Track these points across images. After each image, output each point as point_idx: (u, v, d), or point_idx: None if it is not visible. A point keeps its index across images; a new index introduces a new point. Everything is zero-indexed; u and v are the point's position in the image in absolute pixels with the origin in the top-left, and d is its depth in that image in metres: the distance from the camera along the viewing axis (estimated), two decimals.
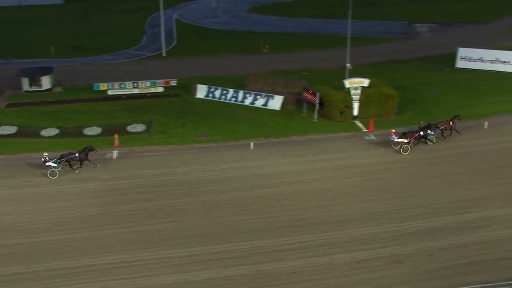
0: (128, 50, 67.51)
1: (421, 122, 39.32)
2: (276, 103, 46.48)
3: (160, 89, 49.91)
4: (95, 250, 27.87)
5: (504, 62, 54.06)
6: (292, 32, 75.49)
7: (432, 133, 38.80)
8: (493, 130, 40.63)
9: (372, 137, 40.91)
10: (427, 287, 24.80)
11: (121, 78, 51.32)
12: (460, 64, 55.82)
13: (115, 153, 38.09)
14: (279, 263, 26.78)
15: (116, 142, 39.71)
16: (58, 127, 42.70)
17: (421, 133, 38.27)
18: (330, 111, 43.47)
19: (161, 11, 66.75)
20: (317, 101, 43.13)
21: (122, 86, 49.46)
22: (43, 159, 35.21)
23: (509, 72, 53.36)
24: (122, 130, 42.02)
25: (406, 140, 37.67)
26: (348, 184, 34.00)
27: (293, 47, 67.56)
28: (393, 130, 38.51)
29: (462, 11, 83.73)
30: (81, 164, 36.17)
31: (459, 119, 39.89)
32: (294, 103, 46.49)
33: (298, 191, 33.28)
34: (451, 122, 39.60)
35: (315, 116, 43.86)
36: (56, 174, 35.22)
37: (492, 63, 54.59)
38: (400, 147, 37.78)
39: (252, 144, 39.55)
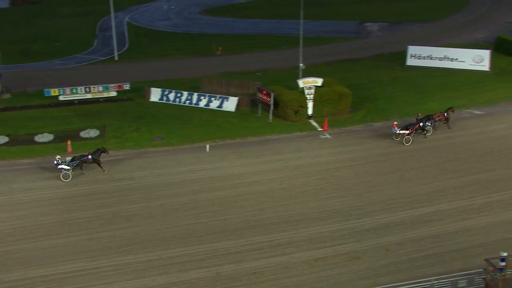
0: (79, 55, 66.35)
1: (419, 114, 40.56)
2: (231, 104, 46.48)
3: (113, 94, 49.20)
4: (51, 260, 27.25)
5: (452, 59, 55.44)
6: (245, 34, 75.63)
7: (429, 124, 40.11)
8: (444, 126, 41.55)
9: (327, 135, 41.37)
10: (385, 281, 25.18)
11: (73, 83, 50.39)
12: (410, 62, 56.96)
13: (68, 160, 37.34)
14: (238, 265, 26.78)
15: (69, 149, 38.97)
16: (7, 135, 41.51)
17: (421, 124, 39.60)
18: (285, 111, 43.74)
19: (112, 15, 65.85)
20: (272, 102, 43.33)
21: (74, 91, 48.55)
22: (55, 162, 34.86)
23: (457, 68, 54.78)
24: (75, 136, 41.28)
25: (407, 132, 38.96)
26: (305, 183, 34.27)
27: (246, 48, 67.70)
28: (395, 123, 39.58)
29: (410, 10, 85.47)
30: (99, 165, 36.10)
31: (452, 111, 41.53)
32: (249, 104, 46.58)
33: (255, 192, 33.35)
34: (445, 113, 41.15)
35: (270, 116, 44.05)
36: (69, 176, 34.84)
37: (440, 60, 55.91)
38: (402, 139, 39.01)
39: (208, 146, 39.43)
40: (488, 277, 24.24)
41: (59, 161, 34.97)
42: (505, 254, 23.39)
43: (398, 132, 39.10)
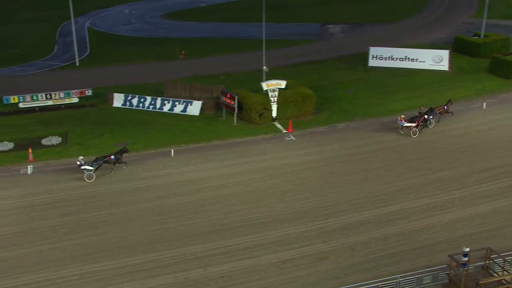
0: (39, 61, 65.13)
1: (421, 108, 41.91)
2: (195, 108, 46.27)
3: (75, 100, 48.39)
4: (13, 271, 26.65)
5: (413, 60, 56.31)
6: (208, 37, 75.44)
7: (431, 117, 41.35)
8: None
9: (292, 137, 41.54)
10: (352, 280, 25.41)
11: (33, 90, 49.39)
12: (372, 62, 57.61)
13: (30, 168, 36.66)
14: (206, 269, 26.66)
15: (31, 157, 38.24)
16: None
17: (425, 116, 40.87)
18: (249, 114, 43.78)
19: (72, 20, 64.87)
20: (236, 105, 43.32)
21: (34, 98, 47.59)
22: (78, 163, 34.94)
23: (418, 69, 55.67)
24: (36, 144, 40.52)
25: (414, 124, 40.12)
26: (271, 185, 34.34)
27: (210, 52, 67.44)
28: (402, 116, 40.62)
29: (371, 12, 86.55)
30: (118, 163, 36.48)
31: (451, 103, 43.02)
32: (213, 108, 46.46)
33: (221, 195, 33.28)
34: (445, 106, 42.51)
35: (235, 119, 44.03)
36: (93, 177, 35.09)
37: (401, 61, 56.68)
38: (409, 131, 40.20)
39: (172, 151, 39.17)
40: (451, 273, 24.72)
41: (82, 161, 35.16)
42: (467, 249, 23.89)
43: (405, 125, 40.17)
